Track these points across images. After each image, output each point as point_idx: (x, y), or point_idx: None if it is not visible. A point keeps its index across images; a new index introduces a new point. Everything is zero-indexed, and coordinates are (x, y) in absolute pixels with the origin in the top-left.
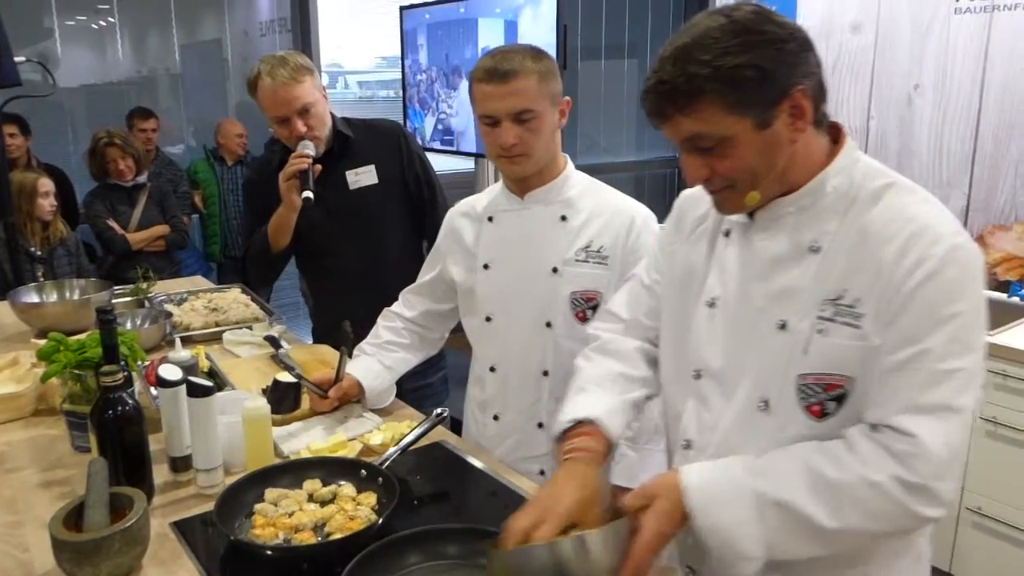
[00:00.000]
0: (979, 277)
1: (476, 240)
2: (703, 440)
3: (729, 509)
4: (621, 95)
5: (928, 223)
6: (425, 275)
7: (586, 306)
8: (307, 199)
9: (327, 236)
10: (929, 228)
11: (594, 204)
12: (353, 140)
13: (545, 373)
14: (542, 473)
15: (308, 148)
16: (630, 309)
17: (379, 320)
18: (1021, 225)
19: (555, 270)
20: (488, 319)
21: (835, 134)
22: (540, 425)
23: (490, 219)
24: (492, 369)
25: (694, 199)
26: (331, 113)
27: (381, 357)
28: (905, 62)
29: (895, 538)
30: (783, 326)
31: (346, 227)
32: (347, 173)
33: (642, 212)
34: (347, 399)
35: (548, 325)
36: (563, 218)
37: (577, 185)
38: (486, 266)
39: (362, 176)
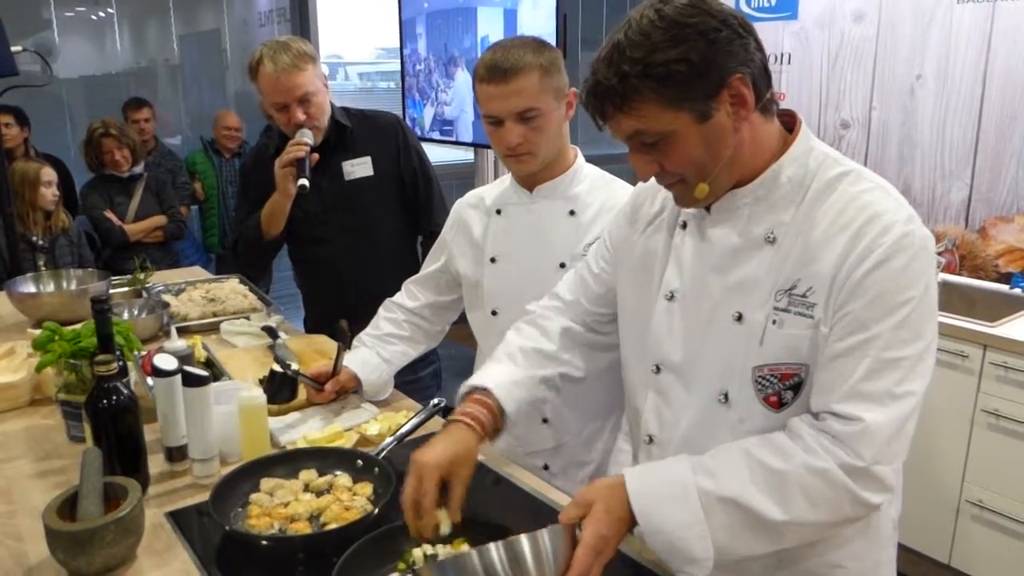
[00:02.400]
0: (930, 264)
1: (484, 233)
2: (665, 435)
3: (674, 510)
4: None
5: (879, 211)
6: (429, 265)
7: None
8: (302, 187)
9: (320, 227)
10: (880, 216)
11: (604, 198)
12: (351, 131)
13: None
14: (546, 468)
15: (306, 136)
16: (573, 292)
17: (380, 310)
18: (1023, 216)
19: (563, 265)
20: (494, 313)
21: (790, 122)
22: (545, 420)
23: (498, 212)
24: None
25: (649, 192)
26: (330, 103)
27: (380, 349)
28: (907, 52)
29: (845, 527)
30: (739, 318)
31: (340, 218)
32: (343, 164)
33: None
34: (344, 392)
35: None
36: (572, 212)
37: (587, 179)
38: (493, 260)
39: (358, 168)
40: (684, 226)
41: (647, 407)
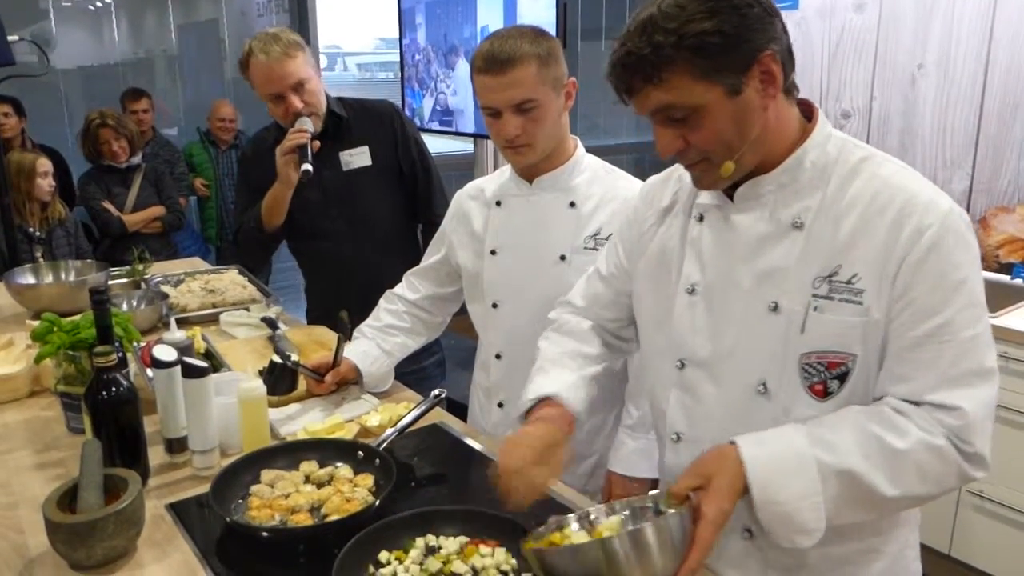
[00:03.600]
0: (972, 237)
1: (484, 225)
2: (695, 432)
3: (792, 481)
4: None
5: (915, 191)
6: (430, 257)
7: None
8: (306, 172)
9: (320, 218)
10: (918, 196)
11: (604, 190)
12: (347, 120)
13: None
14: None
15: (306, 124)
16: (586, 299)
17: (381, 302)
18: None
19: (563, 257)
20: (494, 305)
21: (807, 111)
22: None
23: (498, 204)
24: (498, 356)
25: (659, 187)
26: (325, 93)
27: (380, 341)
28: (909, 41)
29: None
30: (775, 308)
31: (340, 209)
32: (341, 154)
33: None
34: (344, 383)
35: None
36: (572, 204)
37: (587, 170)
38: (493, 252)
39: (356, 158)
40: (701, 218)
41: (672, 405)
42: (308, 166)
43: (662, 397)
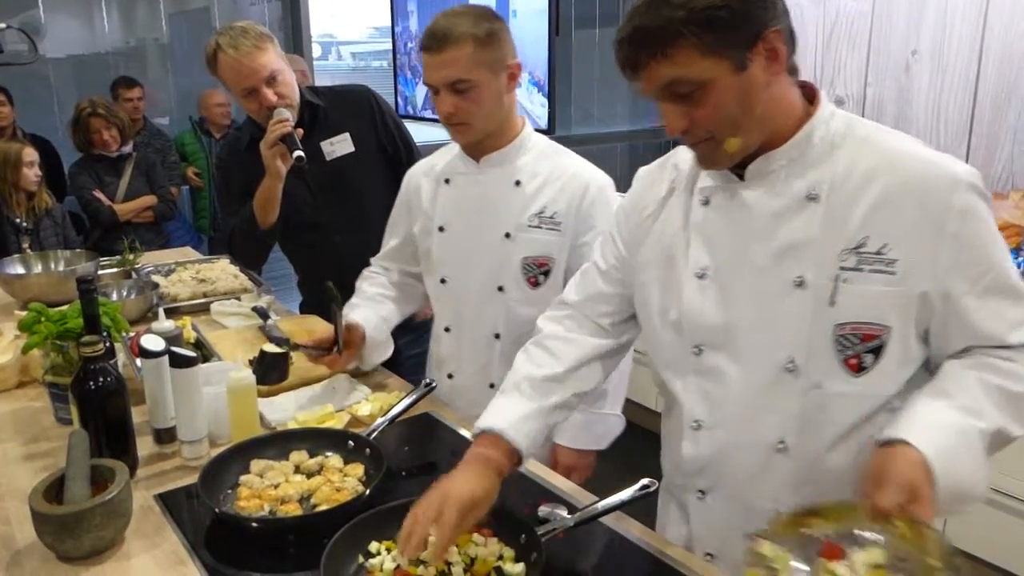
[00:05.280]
0: (984, 186)
1: (432, 201)
2: (715, 416)
3: (966, 459)
4: (615, 64)
5: (930, 159)
6: (390, 240)
7: (538, 271)
8: (300, 159)
9: (309, 211)
10: (935, 163)
11: (550, 169)
12: (323, 109)
13: (497, 336)
14: None
15: (284, 113)
16: (580, 292)
17: (359, 283)
18: (1019, 193)
19: (508, 235)
20: (443, 281)
21: (809, 94)
22: (492, 386)
23: (447, 181)
24: (447, 329)
25: (654, 174)
26: (297, 84)
27: (375, 308)
28: (903, 28)
29: None
30: (800, 283)
31: (328, 199)
32: (322, 144)
33: (599, 179)
34: (354, 349)
35: (500, 289)
36: (517, 183)
37: (534, 149)
38: (441, 228)
39: (337, 145)
40: (706, 202)
41: (688, 392)
42: (300, 152)
43: (677, 386)
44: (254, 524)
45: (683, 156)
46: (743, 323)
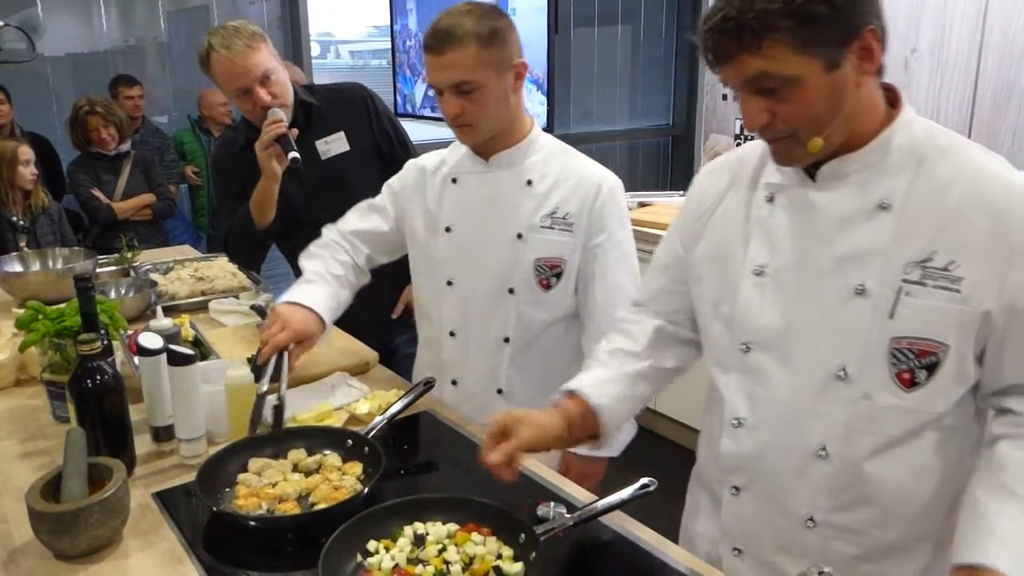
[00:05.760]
0: None
1: (438, 200)
2: (758, 416)
3: None
4: (615, 62)
5: (1010, 179)
6: (371, 222)
7: (550, 273)
8: (295, 160)
9: (307, 211)
10: (1015, 184)
11: (560, 169)
12: (318, 108)
13: (506, 340)
14: None
15: (278, 114)
16: (646, 292)
17: (325, 253)
18: None
19: (520, 236)
20: (449, 283)
21: (891, 96)
22: (500, 391)
23: (454, 181)
24: (452, 334)
25: (716, 171)
26: (291, 84)
27: (337, 291)
28: (903, 26)
29: None
30: (861, 291)
31: (325, 200)
32: (316, 143)
33: (610, 180)
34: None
35: (511, 291)
36: (528, 183)
37: (543, 149)
38: (448, 229)
39: (332, 144)
40: (771, 199)
41: (732, 389)
42: (295, 153)
43: (721, 382)
44: (252, 523)
45: (748, 149)
46: (797, 326)
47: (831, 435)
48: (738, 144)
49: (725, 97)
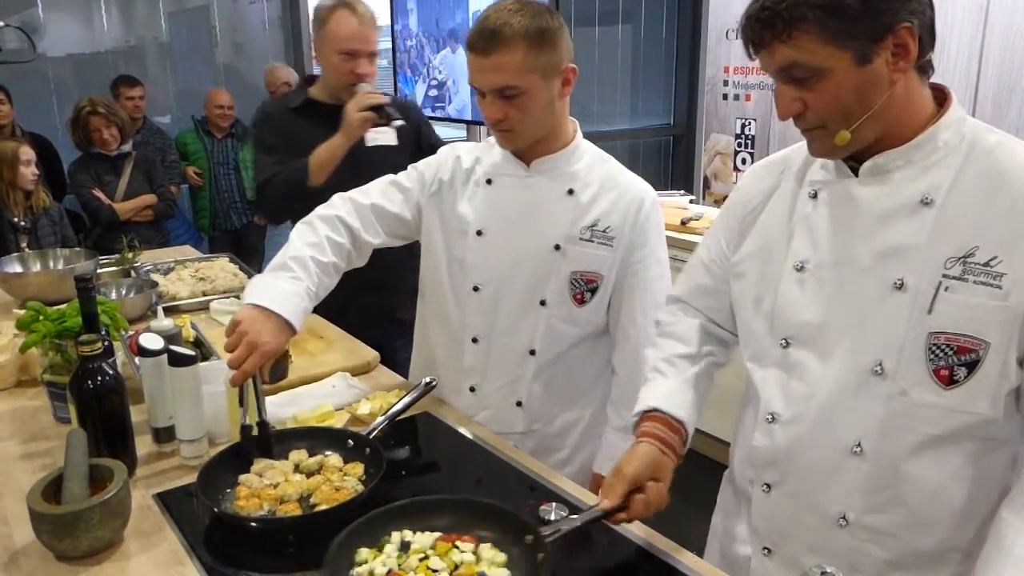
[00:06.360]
0: None
1: (470, 202)
2: (793, 411)
3: None
4: (615, 62)
5: None
6: (403, 210)
7: (585, 288)
8: (401, 127)
9: (334, 189)
10: None
11: (602, 179)
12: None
13: (532, 352)
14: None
15: (367, 88)
16: (688, 289)
17: (322, 231)
18: None
19: (557, 247)
20: (476, 288)
21: (940, 97)
22: (519, 403)
23: (489, 182)
24: (475, 340)
25: (763, 169)
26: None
27: (317, 284)
28: None
29: None
30: (900, 286)
31: (350, 180)
32: (370, 129)
33: (650, 192)
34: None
35: (542, 303)
36: (570, 192)
37: (586, 156)
38: (479, 232)
39: (382, 135)
40: (815, 195)
41: (769, 385)
42: (400, 121)
43: (758, 378)
44: (253, 524)
45: (795, 148)
46: (836, 321)
47: (867, 431)
48: (738, 144)
49: (725, 97)
